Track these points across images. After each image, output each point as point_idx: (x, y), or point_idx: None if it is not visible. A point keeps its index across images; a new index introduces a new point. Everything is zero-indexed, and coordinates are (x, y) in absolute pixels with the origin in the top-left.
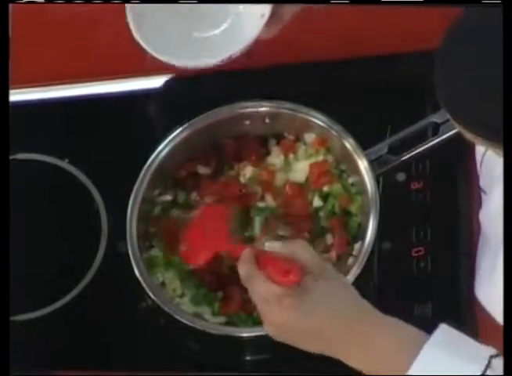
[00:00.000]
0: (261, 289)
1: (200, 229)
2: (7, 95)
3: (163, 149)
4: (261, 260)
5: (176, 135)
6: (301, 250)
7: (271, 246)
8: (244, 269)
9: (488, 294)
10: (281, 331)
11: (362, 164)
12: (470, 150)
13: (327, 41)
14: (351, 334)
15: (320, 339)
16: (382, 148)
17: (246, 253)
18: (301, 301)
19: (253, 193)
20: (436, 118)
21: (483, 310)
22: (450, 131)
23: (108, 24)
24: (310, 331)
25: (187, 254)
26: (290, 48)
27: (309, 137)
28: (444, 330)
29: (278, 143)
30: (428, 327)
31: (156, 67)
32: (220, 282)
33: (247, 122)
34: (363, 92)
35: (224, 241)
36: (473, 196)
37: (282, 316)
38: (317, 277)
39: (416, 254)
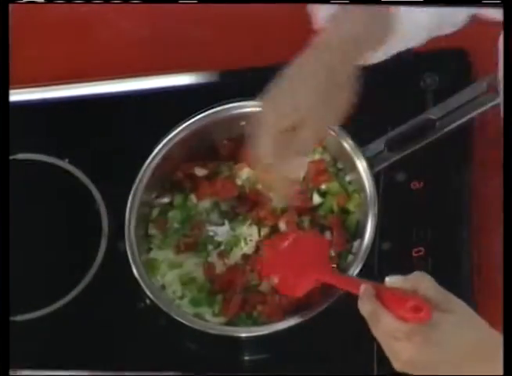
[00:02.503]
0: (391, 326)
1: (292, 261)
2: (7, 95)
3: (159, 151)
4: (384, 297)
5: (172, 137)
6: (423, 283)
7: (393, 282)
8: (368, 306)
9: None
10: (414, 367)
11: (360, 162)
12: (470, 149)
13: None
14: (484, 362)
15: (452, 369)
16: (379, 145)
17: (367, 290)
18: (432, 336)
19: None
20: (432, 114)
21: (482, 310)
22: (447, 127)
23: (108, 24)
24: (441, 364)
25: (283, 287)
26: (290, 48)
27: None
28: None
29: None
30: None
31: (156, 67)
32: (218, 287)
33: (243, 123)
34: (361, 92)
35: (325, 271)
36: (473, 196)
37: (414, 352)
38: (443, 310)
39: (416, 254)
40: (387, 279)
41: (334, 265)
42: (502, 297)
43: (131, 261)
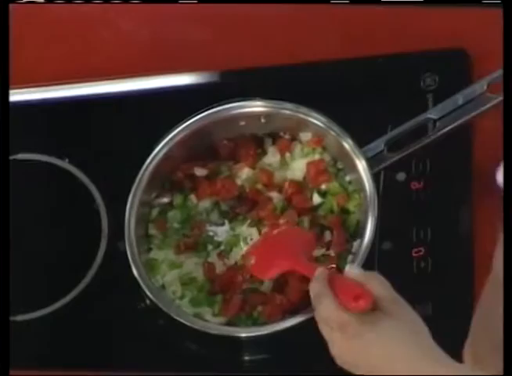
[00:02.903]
0: (328, 312)
1: (273, 246)
2: (7, 95)
3: (159, 151)
4: (335, 282)
5: (171, 137)
6: (377, 282)
7: (349, 270)
8: (316, 287)
9: None
10: (341, 359)
11: (360, 162)
12: (470, 150)
13: (326, 41)
14: (414, 370)
15: (379, 372)
16: (379, 145)
17: (321, 272)
18: (366, 332)
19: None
20: (432, 114)
21: None
22: (447, 127)
23: (108, 24)
24: (368, 364)
25: (256, 268)
26: (290, 48)
27: (305, 136)
28: None
29: (274, 143)
30: (428, 327)
31: (156, 67)
32: (218, 287)
33: (243, 123)
34: (361, 92)
35: (298, 260)
36: (473, 195)
37: (341, 344)
38: (387, 312)
39: (416, 254)
40: (347, 267)
41: (333, 266)
42: (503, 297)
43: (131, 261)
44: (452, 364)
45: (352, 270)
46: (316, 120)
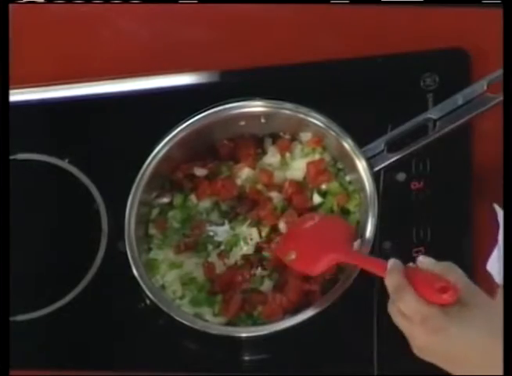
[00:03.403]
0: (410, 306)
1: (314, 239)
2: (7, 95)
3: (159, 151)
4: (413, 275)
5: (171, 137)
6: (452, 271)
7: (424, 261)
8: (393, 280)
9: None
10: (425, 352)
11: (360, 162)
12: (470, 150)
13: (326, 41)
14: (493, 368)
15: (460, 367)
16: (379, 145)
17: (395, 264)
18: (447, 326)
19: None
20: (432, 114)
21: None
22: (447, 127)
23: (108, 24)
24: (454, 357)
25: (300, 263)
26: (290, 48)
27: (305, 136)
28: None
29: (274, 143)
30: None
31: (156, 67)
32: (218, 287)
33: (243, 123)
34: (361, 92)
35: (346, 251)
36: (473, 195)
37: (425, 337)
38: (467, 303)
39: (416, 255)
40: (420, 258)
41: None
42: (503, 297)
43: (131, 261)
44: None
45: (426, 261)
46: (316, 120)
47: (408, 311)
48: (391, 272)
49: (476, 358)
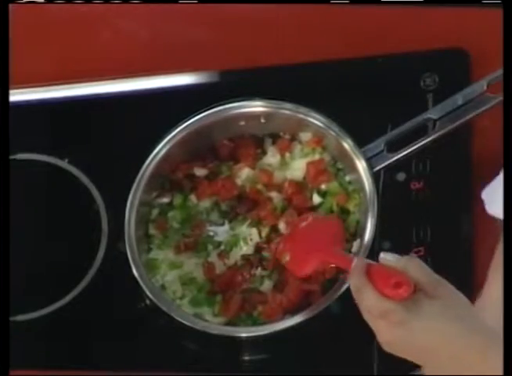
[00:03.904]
0: (369, 302)
1: (304, 239)
2: (7, 95)
3: (159, 151)
4: (372, 272)
5: (171, 137)
6: (415, 266)
7: (385, 258)
8: (354, 280)
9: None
10: (391, 346)
11: (360, 163)
12: (470, 150)
13: (326, 41)
14: (464, 353)
15: (428, 358)
16: (379, 145)
17: (357, 264)
18: (410, 318)
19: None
20: (432, 114)
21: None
22: (447, 127)
23: (108, 24)
24: (418, 349)
25: (291, 264)
26: (290, 48)
27: (305, 136)
28: None
29: (274, 143)
30: None
31: (156, 67)
32: (218, 287)
33: (242, 123)
34: (361, 92)
35: (331, 251)
36: (473, 195)
37: (389, 332)
38: (430, 295)
39: (416, 254)
40: (381, 254)
41: (333, 265)
42: (503, 297)
43: (131, 261)
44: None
45: (387, 257)
46: (316, 120)
47: (369, 307)
48: (353, 272)
49: (442, 349)
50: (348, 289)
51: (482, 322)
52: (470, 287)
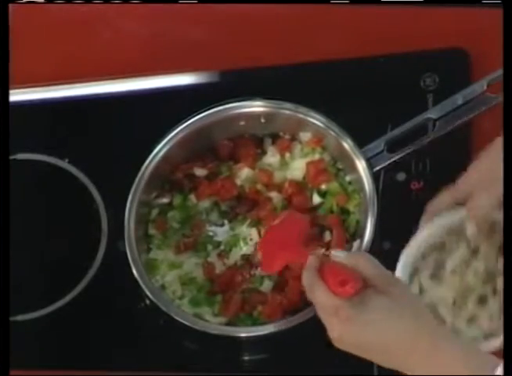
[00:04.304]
0: (320, 299)
1: (273, 238)
2: (7, 95)
3: (158, 151)
4: (324, 269)
5: (171, 137)
6: (365, 262)
7: (335, 255)
8: (306, 277)
9: None
10: (341, 343)
11: (360, 163)
12: (470, 150)
13: (326, 41)
14: (411, 350)
15: (378, 353)
16: (379, 145)
17: (311, 261)
18: (357, 314)
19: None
20: (432, 114)
21: None
22: (447, 127)
23: (108, 24)
24: (367, 345)
25: (263, 263)
26: (290, 48)
27: (305, 136)
28: None
29: (274, 143)
30: None
31: (156, 67)
32: (218, 287)
33: (242, 123)
34: (361, 92)
35: (294, 248)
36: None
37: (338, 328)
38: (380, 291)
39: None
40: (332, 252)
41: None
42: (503, 297)
43: (130, 261)
44: (458, 343)
45: (337, 254)
46: (316, 120)
47: (321, 304)
48: (305, 270)
49: (388, 344)
50: None
51: (432, 322)
52: None
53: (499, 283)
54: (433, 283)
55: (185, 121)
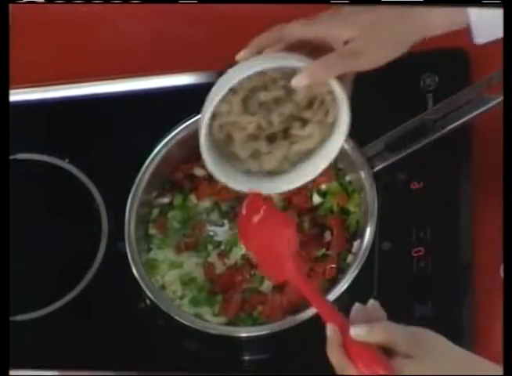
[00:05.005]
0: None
1: (265, 238)
2: (7, 95)
3: (159, 151)
4: (349, 348)
5: (172, 137)
6: (385, 333)
7: (357, 334)
8: (334, 357)
9: None
10: None
11: (360, 162)
12: (470, 150)
13: None
14: None
15: None
16: (379, 145)
17: (331, 337)
18: None
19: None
20: (432, 114)
21: (482, 310)
22: (447, 127)
23: (108, 24)
24: None
25: (264, 267)
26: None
27: None
28: None
29: None
30: (428, 327)
31: (156, 67)
32: (218, 287)
33: None
34: (361, 92)
35: (291, 271)
36: (473, 195)
37: None
38: (407, 355)
39: (416, 254)
40: (352, 330)
41: (333, 266)
42: (503, 297)
43: (131, 261)
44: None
45: (358, 332)
46: None
47: None
48: (331, 348)
49: None
50: (348, 289)
51: (464, 359)
52: (471, 288)
53: (295, 130)
54: (241, 108)
55: (185, 121)
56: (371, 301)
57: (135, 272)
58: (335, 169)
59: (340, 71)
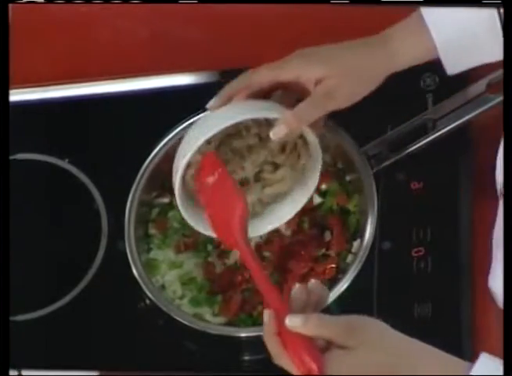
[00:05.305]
0: (288, 368)
1: (217, 203)
2: (7, 95)
3: (159, 151)
4: (283, 335)
5: (172, 137)
6: (319, 325)
7: (291, 326)
8: (270, 346)
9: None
10: None
11: (360, 162)
12: (470, 150)
13: (326, 41)
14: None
15: None
16: (379, 145)
17: (268, 325)
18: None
19: None
20: (432, 114)
21: (482, 310)
22: (446, 126)
23: (108, 24)
24: None
25: (217, 231)
26: (290, 48)
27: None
28: (485, 360)
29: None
30: (428, 327)
31: (156, 67)
32: (218, 287)
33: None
34: None
35: (239, 241)
36: (474, 195)
37: None
38: (341, 347)
39: (416, 254)
40: (287, 320)
41: (333, 266)
42: (503, 297)
43: (130, 261)
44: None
45: (293, 323)
46: None
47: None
48: (266, 339)
49: None
50: (348, 289)
51: (402, 345)
52: (471, 287)
53: (266, 174)
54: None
55: (185, 121)
56: (312, 281)
57: (134, 272)
58: (335, 169)
59: (316, 117)
